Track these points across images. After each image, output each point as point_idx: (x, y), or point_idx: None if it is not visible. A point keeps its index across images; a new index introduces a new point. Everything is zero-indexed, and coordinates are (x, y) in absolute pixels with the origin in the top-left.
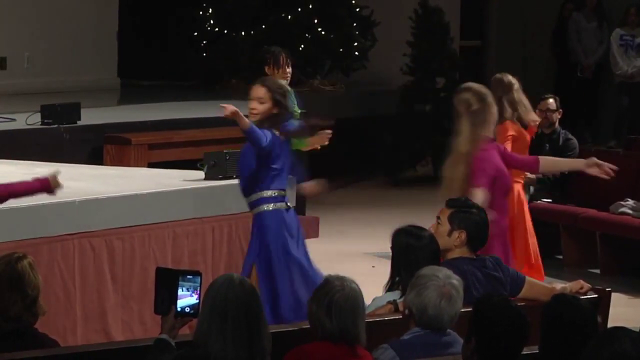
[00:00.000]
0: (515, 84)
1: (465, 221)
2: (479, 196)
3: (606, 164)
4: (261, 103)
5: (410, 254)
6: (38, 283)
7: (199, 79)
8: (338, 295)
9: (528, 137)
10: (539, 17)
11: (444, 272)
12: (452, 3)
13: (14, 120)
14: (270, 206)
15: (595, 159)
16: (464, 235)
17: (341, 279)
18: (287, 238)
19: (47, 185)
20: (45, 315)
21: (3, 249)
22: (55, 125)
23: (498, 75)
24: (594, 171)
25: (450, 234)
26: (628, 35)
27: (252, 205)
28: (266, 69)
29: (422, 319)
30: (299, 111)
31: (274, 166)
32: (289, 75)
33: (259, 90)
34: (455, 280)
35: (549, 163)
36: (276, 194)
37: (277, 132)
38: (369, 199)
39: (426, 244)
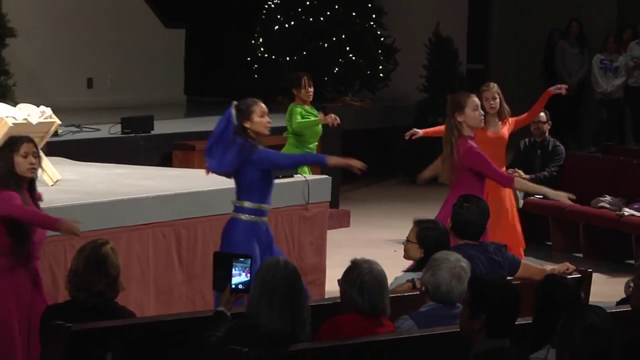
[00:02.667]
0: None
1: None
2: None
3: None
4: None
5: (424, 241)
6: (118, 264)
7: (251, 96)
8: (368, 276)
9: None
10: (531, 45)
11: (454, 255)
12: (460, 33)
13: (98, 130)
14: None
15: None
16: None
17: (368, 262)
18: None
19: (56, 226)
20: (124, 291)
21: (90, 236)
22: (133, 134)
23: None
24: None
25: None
26: (607, 60)
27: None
28: (294, 90)
29: (436, 294)
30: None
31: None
32: (310, 93)
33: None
34: (464, 262)
35: None
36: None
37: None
38: (391, 195)
39: (438, 234)
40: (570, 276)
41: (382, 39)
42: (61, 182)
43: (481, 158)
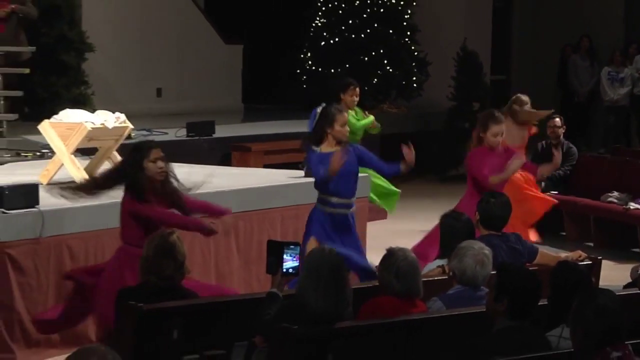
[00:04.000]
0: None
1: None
2: None
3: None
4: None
5: (452, 232)
6: (184, 251)
7: (300, 104)
8: (403, 263)
9: None
10: (547, 59)
11: (478, 244)
12: (485, 48)
13: (166, 133)
14: None
15: None
16: None
17: (402, 250)
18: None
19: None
20: (188, 275)
21: None
22: (197, 137)
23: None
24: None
25: None
26: (614, 72)
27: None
28: (340, 93)
29: (462, 279)
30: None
31: None
32: (355, 101)
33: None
34: (487, 250)
35: None
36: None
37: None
38: (423, 191)
39: (464, 225)
40: (582, 263)
41: (415, 54)
42: None
43: (474, 164)
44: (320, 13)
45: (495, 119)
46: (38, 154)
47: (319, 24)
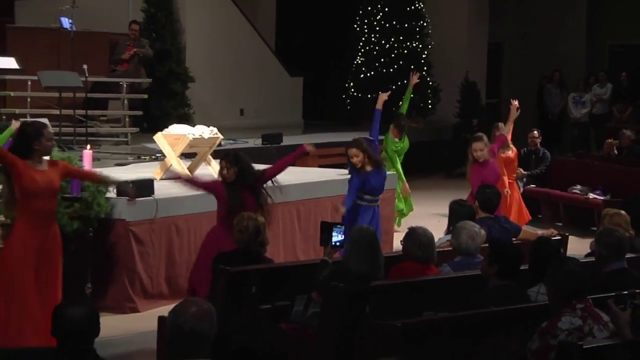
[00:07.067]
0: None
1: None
2: None
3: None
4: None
5: (457, 214)
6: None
7: (345, 120)
8: (422, 238)
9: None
10: (528, 86)
11: (470, 224)
12: (481, 79)
13: (247, 142)
14: None
15: None
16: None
17: (421, 228)
18: None
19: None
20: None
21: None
22: (269, 145)
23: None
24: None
25: None
26: (578, 96)
27: None
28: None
29: (460, 249)
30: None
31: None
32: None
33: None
34: (477, 227)
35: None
36: None
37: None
38: (436, 184)
39: (466, 210)
40: (554, 238)
41: (430, 83)
42: None
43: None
44: (359, 54)
45: (478, 137)
46: (153, 157)
47: (359, 62)
